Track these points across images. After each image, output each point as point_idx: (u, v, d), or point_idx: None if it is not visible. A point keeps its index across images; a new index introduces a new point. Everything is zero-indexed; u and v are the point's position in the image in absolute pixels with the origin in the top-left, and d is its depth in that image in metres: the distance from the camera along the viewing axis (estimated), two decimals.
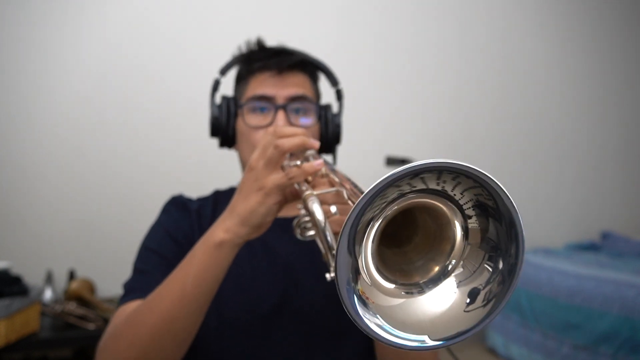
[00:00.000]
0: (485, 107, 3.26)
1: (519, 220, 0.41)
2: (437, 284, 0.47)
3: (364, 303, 0.43)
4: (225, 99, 0.94)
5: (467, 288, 0.46)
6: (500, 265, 0.43)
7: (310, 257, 0.90)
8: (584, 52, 3.62)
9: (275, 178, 0.64)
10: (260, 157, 0.66)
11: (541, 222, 3.34)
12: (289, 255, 0.90)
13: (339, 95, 1.03)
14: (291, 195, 0.70)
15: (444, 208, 0.46)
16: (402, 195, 0.43)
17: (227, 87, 1.03)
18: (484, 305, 0.44)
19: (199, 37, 2.56)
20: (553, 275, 2.72)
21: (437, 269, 0.48)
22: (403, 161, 2.72)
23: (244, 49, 0.98)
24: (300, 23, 2.78)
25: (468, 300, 0.45)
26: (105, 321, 1.89)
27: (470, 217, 0.45)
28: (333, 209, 0.59)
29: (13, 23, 2.26)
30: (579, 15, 3.63)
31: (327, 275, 0.58)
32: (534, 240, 3.21)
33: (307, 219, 0.73)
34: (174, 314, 0.66)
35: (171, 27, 2.52)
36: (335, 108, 1.00)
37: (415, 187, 0.42)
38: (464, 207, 0.45)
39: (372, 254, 0.45)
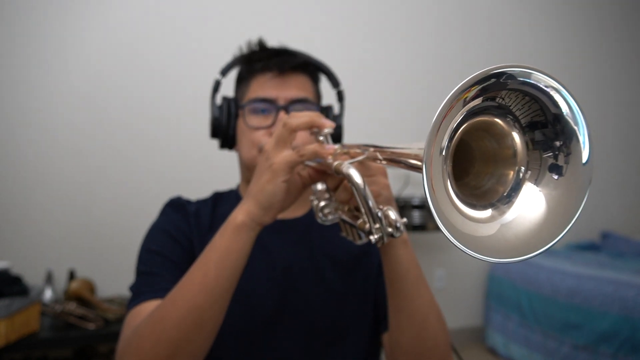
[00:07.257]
0: None
1: (567, 100, 0.42)
2: (519, 191, 0.47)
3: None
4: (225, 100, 0.93)
5: (545, 171, 0.46)
6: (558, 141, 0.44)
7: (309, 259, 0.90)
8: (583, 51, 3.62)
9: (285, 155, 0.65)
10: (272, 139, 0.68)
11: None
12: (287, 258, 0.89)
13: (341, 96, 1.02)
14: (309, 178, 0.70)
15: (497, 119, 0.46)
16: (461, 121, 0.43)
17: (228, 88, 1.03)
18: (568, 163, 0.45)
19: (201, 37, 2.56)
20: (553, 275, 2.72)
21: (512, 174, 0.47)
22: None
23: (244, 50, 0.97)
24: (302, 24, 2.77)
25: (556, 176, 0.45)
26: (106, 321, 1.89)
27: (521, 118, 0.46)
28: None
29: (12, 21, 2.25)
30: (581, 14, 3.63)
31: (372, 238, 0.57)
32: None
33: (323, 203, 0.74)
34: (198, 303, 0.65)
35: (173, 27, 2.52)
36: (336, 109, 1.00)
37: (472, 106, 0.43)
38: (514, 110, 0.45)
39: (452, 189, 0.44)
